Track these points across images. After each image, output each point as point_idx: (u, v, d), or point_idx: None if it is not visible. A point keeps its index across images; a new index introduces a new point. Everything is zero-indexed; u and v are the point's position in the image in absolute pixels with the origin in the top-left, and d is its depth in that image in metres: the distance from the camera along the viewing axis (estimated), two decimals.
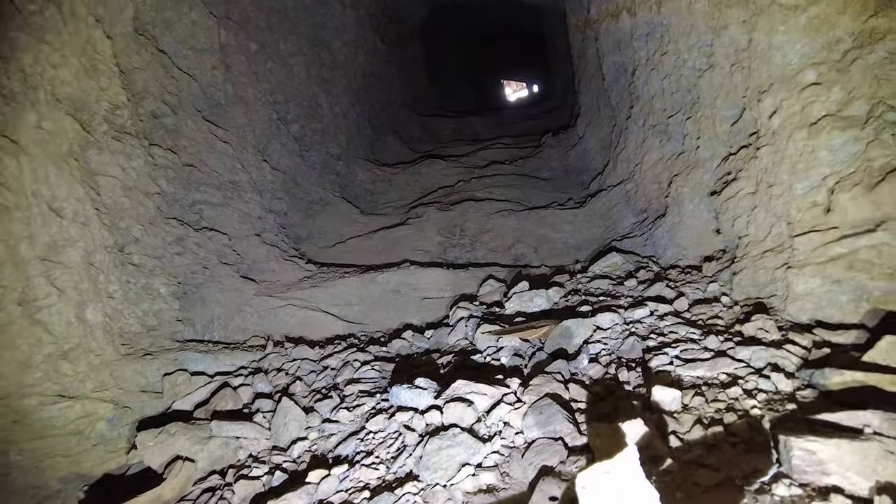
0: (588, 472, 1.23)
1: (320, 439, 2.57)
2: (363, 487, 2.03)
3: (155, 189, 3.66)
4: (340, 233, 5.24)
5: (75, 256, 3.04)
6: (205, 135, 4.24)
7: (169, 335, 3.50)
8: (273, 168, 5.01)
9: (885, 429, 1.49)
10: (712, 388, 1.99)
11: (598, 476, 1.21)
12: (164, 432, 2.66)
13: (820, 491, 1.36)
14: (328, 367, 3.27)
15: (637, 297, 3.23)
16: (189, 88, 4.16)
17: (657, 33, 3.98)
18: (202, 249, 3.93)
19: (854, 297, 2.36)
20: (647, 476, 1.47)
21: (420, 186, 6.19)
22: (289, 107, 5.51)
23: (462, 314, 3.52)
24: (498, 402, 2.26)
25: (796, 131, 2.64)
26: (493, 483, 1.82)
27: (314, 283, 4.22)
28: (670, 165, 4.06)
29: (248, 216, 4.48)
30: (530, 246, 4.78)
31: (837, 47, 2.54)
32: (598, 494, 1.20)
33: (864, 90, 2.44)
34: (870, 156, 2.36)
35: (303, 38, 5.76)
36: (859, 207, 2.36)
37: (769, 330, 2.37)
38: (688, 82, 3.69)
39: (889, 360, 1.84)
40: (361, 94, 7.02)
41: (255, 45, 5.00)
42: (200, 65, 4.29)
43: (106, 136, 3.33)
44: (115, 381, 3.03)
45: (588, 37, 5.85)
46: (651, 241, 4.06)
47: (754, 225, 2.97)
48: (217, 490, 2.39)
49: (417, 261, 4.59)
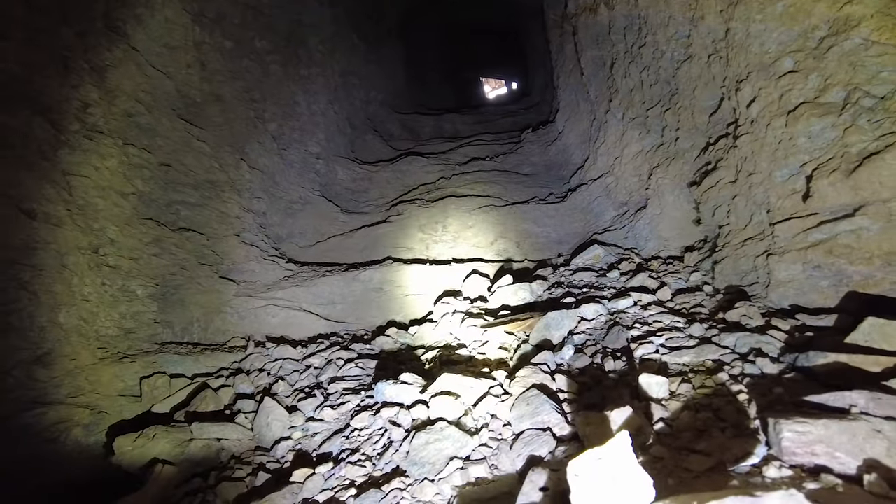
0: (580, 459, 1.22)
1: (304, 438, 2.52)
2: (349, 485, 1.99)
3: (130, 189, 3.57)
4: (321, 231, 5.18)
5: (47, 259, 2.96)
6: (181, 134, 4.16)
7: (147, 338, 3.42)
8: (251, 167, 4.93)
9: (871, 408, 1.49)
10: (699, 374, 1.99)
11: (590, 463, 1.20)
12: (143, 436, 2.59)
13: (810, 471, 1.36)
14: (311, 365, 3.22)
15: (620, 288, 3.23)
16: (164, 87, 4.07)
17: (635, 26, 3.99)
18: (180, 250, 3.85)
19: (834, 281, 2.39)
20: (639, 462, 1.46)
21: (401, 184, 6.15)
22: (266, 105, 5.43)
23: (446, 309, 3.49)
24: (485, 394, 2.24)
25: (775, 119, 2.65)
26: (482, 475, 1.79)
27: (295, 283, 4.17)
28: (650, 157, 4.08)
29: (227, 216, 4.40)
30: (513, 241, 4.77)
31: (813, 35, 2.56)
32: (591, 481, 1.18)
33: (840, 77, 2.46)
34: (847, 141, 2.39)
35: (279, 36, 5.67)
36: (838, 193, 2.39)
37: (752, 316, 2.39)
38: (666, 74, 3.70)
39: (871, 341, 1.85)
40: (340, 92, 6.96)
41: (231, 42, 4.91)
42: (175, 62, 4.20)
43: (78, 135, 3.24)
44: (92, 385, 2.95)
45: (566, 31, 5.86)
46: (632, 232, 4.08)
47: (735, 214, 2.99)
48: (199, 493, 2.33)
49: (400, 258, 4.55)
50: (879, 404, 1.50)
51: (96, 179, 3.32)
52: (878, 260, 2.26)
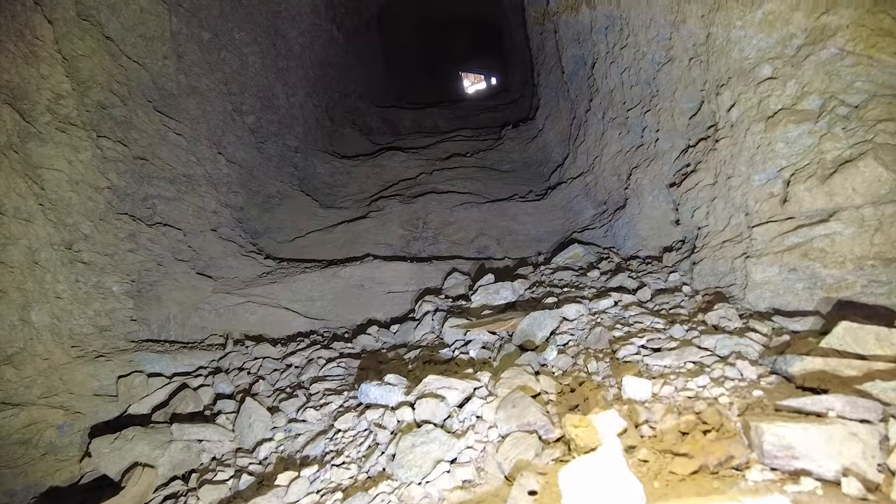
0: (571, 466, 1.24)
1: (287, 440, 2.50)
2: (335, 488, 1.98)
3: (105, 183, 3.49)
4: (299, 227, 5.13)
5: (17, 255, 2.87)
6: (157, 126, 4.07)
7: (123, 335, 3.35)
8: (228, 161, 4.85)
9: (847, 412, 1.54)
10: (680, 376, 2.03)
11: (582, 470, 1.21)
12: (121, 438, 2.54)
13: (791, 474, 1.40)
14: (292, 364, 3.20)
15: (600, 288, 3.27)
16: (139, 78, 3.97)
17: (617, 26, 4.03)
18: (156, 245, 3.78)
19: (809, 284, 2.46)
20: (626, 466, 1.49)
21: (381, 179, 6.12)
22: (244, 98, 5.34)
23: (428, 308, 3.49)
24: (469, 396, 2.25)
25: (754, 124, 2.71)
26: (469, 479, 1.80)
27: (274, 279, 4.12)
28: (630, 157, 4.12)
29: (204, 210, 4.33)
30: (493, 238, 4.79)
31: (791, 43, 2.62)
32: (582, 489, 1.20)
33: (816, 85, 2.53)
34: (823, 148, 2.45)
35: (257, 27, 5.58)
36: (814, 198, 2.45)
37: (731, 318, 2.44)
38: (647, 75, 3.74)
39: (845, 345, 1.91)
40: (319, 85, 6.88)
41: (208, 33, 4.82)
42: (151, 53, 4.10)
43: (49, 126, 3.15)
44: (66, 385, 2.88)
45: (547, 29, 5.88)
46: (611, 232, 4.13)
47: (713, 215, 3.05)
48: (180, 496, 2.30)
49: (380, 255, 4.53)
50: (855, 408, 1.55)
51: (69, 173, 3.23)
52: (851, 264, 2.33)
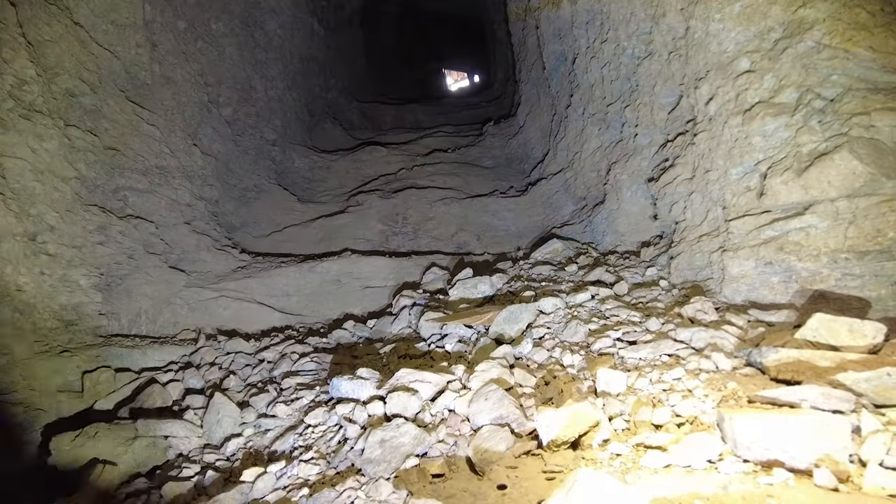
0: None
1: (256, 435, 2.44)
2: (302, 484, 1.93)
3: (72, 173, 3.38)
4: (276, 221, 5.04)
5: None
6: (129, 116, 3.95)
7: (91, 330, 3.25)
8: (204, 153, 4.74)
9: (820, 402, 1.53)
10: (655, 369, 2.00)
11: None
12: (83, 435, 2.46)
13: (763, 465, 1.38)
14: (264, 360, 3.13)
15: (578, 282, 3.25)
16: (110, 66, 3.86)
17: (597, 21, 4.01)
18: (127, 238, 3.67)
19: (784, 277, 2.45)
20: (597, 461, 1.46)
21: (361, 174, 6.04)
22: (221, 89, 5.23)
23: (405, 302, 3.44)
24: (443, 389, 2.21)
25: (732, 117, 2.70)
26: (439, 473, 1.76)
27: (248, 274, 4.04)
28: (609, 153, 4.11)
29: (177, 203, 4.22)
30: (473, 233, 4.75)
31: (769, 36, 2.61)
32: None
33: (793, 78, 2.52)
34: (799, 141, 2.45)
35: (235, 18, 5.47)
36: (790, 191, 2.45)
37: (707, 311, 2.42)
38: (627, 70, 3.73)
39: (819, 336, 1.90)
40: (298, 78, 6.78)
41: (184, 23, 4.71)
42: (123, 41, 3.99)
43: (12, 113, 3.04)
44: (27, 381, 2.78)
45: (529, 25, 5.86)
46: (590, 227, 4.11)
47: (691, 210, 3.04)
48: (143, 494, 2.22)
49: (359, 249, 4.47)
50: (828, 399, 1.53)
51: (33, 162, 3.13)
52: (825, 257, 2.33)
